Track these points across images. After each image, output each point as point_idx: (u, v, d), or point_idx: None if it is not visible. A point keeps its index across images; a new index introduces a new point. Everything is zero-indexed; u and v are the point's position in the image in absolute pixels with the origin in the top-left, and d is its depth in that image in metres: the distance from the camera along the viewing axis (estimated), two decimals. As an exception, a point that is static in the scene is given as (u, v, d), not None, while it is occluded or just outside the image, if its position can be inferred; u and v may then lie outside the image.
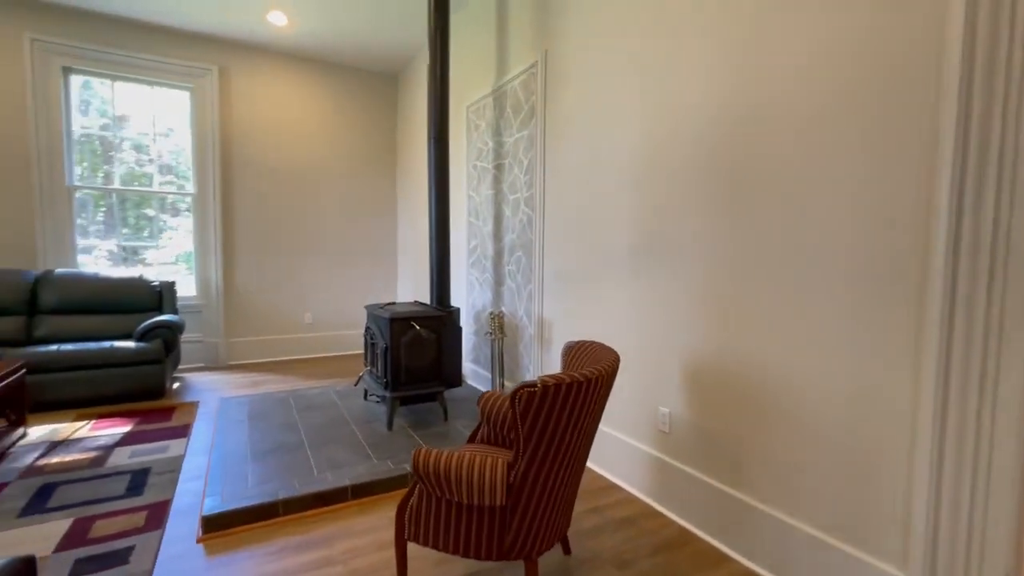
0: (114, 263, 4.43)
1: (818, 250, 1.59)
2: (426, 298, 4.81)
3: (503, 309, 3.43)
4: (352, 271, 5.35)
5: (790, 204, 1.67)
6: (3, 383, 2.74)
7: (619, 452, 2.44)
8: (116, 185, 4.38)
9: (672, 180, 2.12)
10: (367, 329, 3.26)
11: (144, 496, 2.23)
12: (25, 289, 3.72)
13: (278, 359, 5.01)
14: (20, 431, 2.87)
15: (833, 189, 1.54)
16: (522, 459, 1.35)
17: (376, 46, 4.67)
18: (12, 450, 2.71)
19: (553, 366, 2.94)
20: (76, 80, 4.22)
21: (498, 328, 3.00)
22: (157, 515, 2.08)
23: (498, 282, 3.52)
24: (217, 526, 1.96)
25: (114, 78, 4.33)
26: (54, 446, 2.77)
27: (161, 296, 4.16)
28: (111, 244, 4.40)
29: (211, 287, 4.68)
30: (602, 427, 2.57)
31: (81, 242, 4.28)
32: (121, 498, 2.21)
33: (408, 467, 2.40)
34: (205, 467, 2.51)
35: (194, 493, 2.26)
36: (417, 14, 4.10)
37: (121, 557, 1.79)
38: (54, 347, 3.39)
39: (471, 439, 1.97)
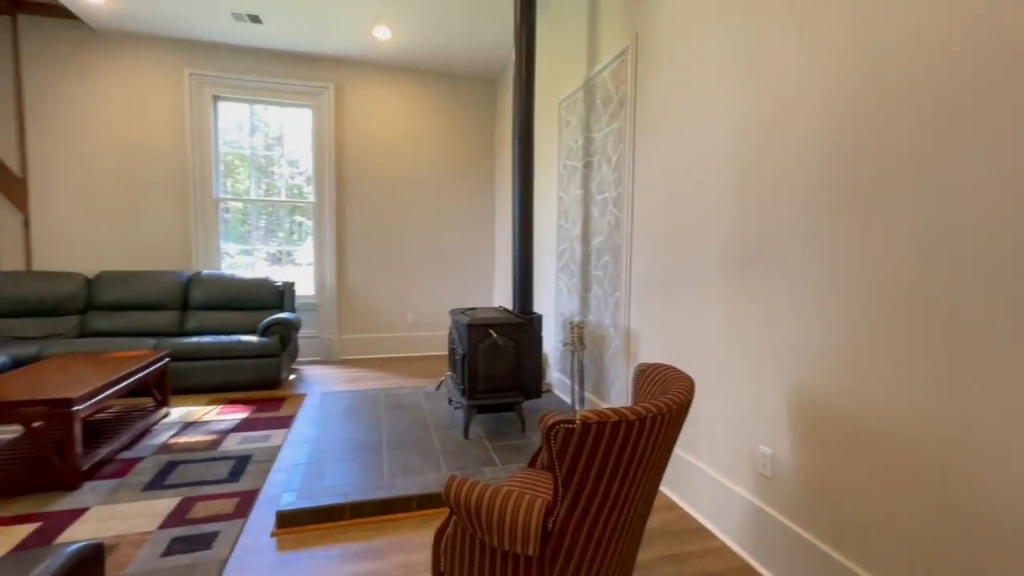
0: (271, 263, 5.02)
1: (1003, 253, 1.16)
2: (519, 302, 4.74)
3: (589, 317, 3.21)
4: (451, 273, 5.47)
5: (959, 195, 1.24)
6: (151, 369, 3.20)
7: (710, 490, 2.10)
8: (252, 196, 4.97)
9: (783, 174, 1.74)
10: (450, 333, 3.26)
11: (240, 483, 2.42)
12: (179, 288, 4.36)
13: (382, 356, 5.30)
14: (164, 411, 3.34)
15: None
16: (561, 505, 1.16)
17: (473, 51, 4.70)
18: (155, 427, 3.15)
19: (640, 383, 2.65)
20: (224, 106, 4.85)
21: (577, 339, 2.79)
22: (246, 503, 2.24)
23: (585, 288, 3.30)
24: (289, 522, 2.05)
25: (252, 102, 4.90)
26: (186, 426, 3.17)
27: (283, 295, 4.61)
28: (271, 247, 5.01)
29: (326, 287, 5.09)
30: (691, 459, 2.24)
31: (243, 246, 4.93)
32: (222, 482, 2.42)
33: (475, 482, 2.30)
34: (294, 460, 2.66)
35: (280, 485, 2.40)
36: (512, 17, 4.02)
37: (206, 541, 1.94)
38: (195, 339, 3.91)
39: (531, 462, 1.81)
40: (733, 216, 1.97)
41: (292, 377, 4.46)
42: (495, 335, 2.79)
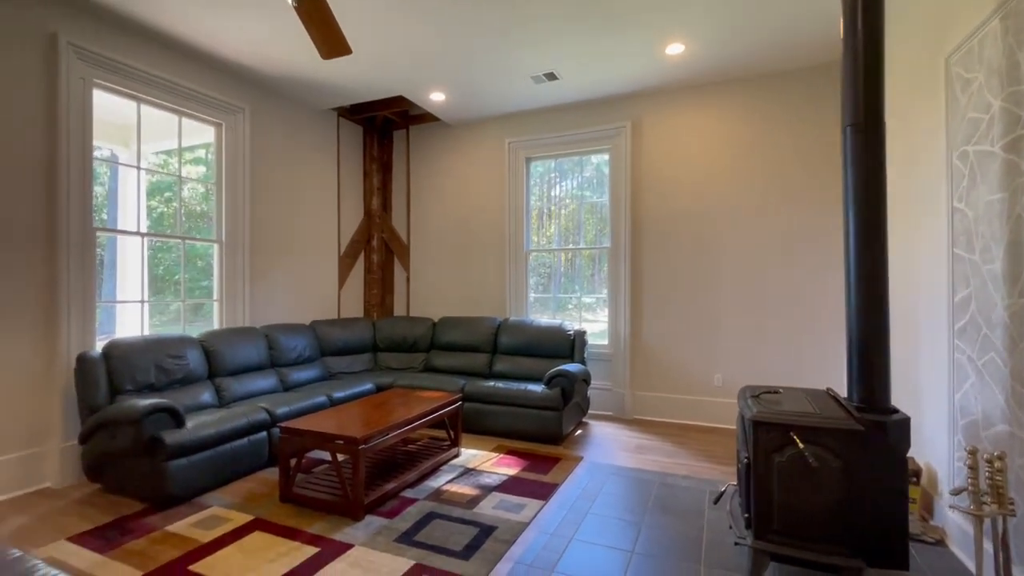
0: (565, 310, 5.14)
1: None
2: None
3: (1033, 433, 1.64)
4: (778, 328, 4.18)
5: None
6: (447, 409, 3.49)
7: None
8: (556, 246, 5.13)
9: None
10: (738, 421, 2.27)
11: (468, 563, 2.19)
12: (491, 333, 4.80)
13: (680, 421, 4.46)
14: (455, 450, 3.58)
15: None
16: None
17: (797, 33, 3.53)
18: (444, 467, 3.37)
19: None
20: (535, 166, 5.26)
21: (993, 491, 1.36)
22: (459, 595, 1.97)
23: (1018, 376, 1.74)
24: (478, 652, 1.64)
25: (556, 157, 5.13)
26: (465, 472, 3.27)
27: (573, 343, 4.47)
28: (573, 295, 5.17)
29: (620, 337, 4.70)
30: None
31: (545, 294, 5.24)
32: (454, 556, 2.26)
33: None
34: (523, 553, 2.27)
35: (498, 583, 2.05)
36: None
37: (400, 638, 1.74)
38: (491, 383, 4.14)
39: None
40: None
41: (579, 432, 4.20)
42: (801, 444, 1.71)
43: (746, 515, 1.89)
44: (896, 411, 1.85)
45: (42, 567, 1.39)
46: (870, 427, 1.75)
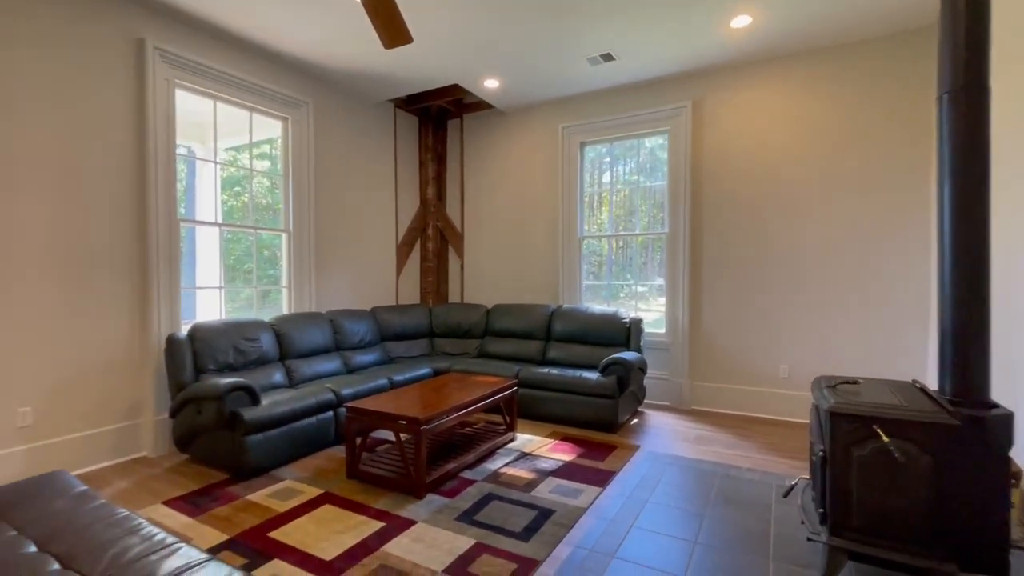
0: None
1: None
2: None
3: None
4: (851, 317, 3.92)
5: None
6: (504, 394, 3.54)
7: None
8: (610, 232, 5.03)
9: None
10: (811, 412, 2.15)
11: (528, 544, 2.23)
12: (545, 320, 4.80)
13: (742, 413, 4.29)
14: (510, 435, 3.62)
15: None
16: None
17: (875, 3, 3.24)
18: (500, 450, 3.42)
19: None
20: (588, 151, 5.17)
21: None
22: (519, 575, 2.00)
23: None
24: (540, 631, 1.66)
25: (612, 140, 5.01)
26: (521, 456, 3.31)
27: (629, 331, 4.38)
28: (627, 282, 5.09)
29: (678, 326, 4.57)
30: None
31: (600, 281, 5.18)
32: (515, 536, 2.29)
33: None
34: (583, 538, 2.27)
35: (556, 565, 2.06)
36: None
37: (464, 611, 1.79)
38: (545, 370, 4.15)
39: None
40: None
41: (634, 421, 4.13)
42: (886, 439, 1.60)
43: (820, 510, 1.80)
44: (997, 406, 1.69)
45: (146, 525, 1.53)
46: (966, 422, 1.60)
